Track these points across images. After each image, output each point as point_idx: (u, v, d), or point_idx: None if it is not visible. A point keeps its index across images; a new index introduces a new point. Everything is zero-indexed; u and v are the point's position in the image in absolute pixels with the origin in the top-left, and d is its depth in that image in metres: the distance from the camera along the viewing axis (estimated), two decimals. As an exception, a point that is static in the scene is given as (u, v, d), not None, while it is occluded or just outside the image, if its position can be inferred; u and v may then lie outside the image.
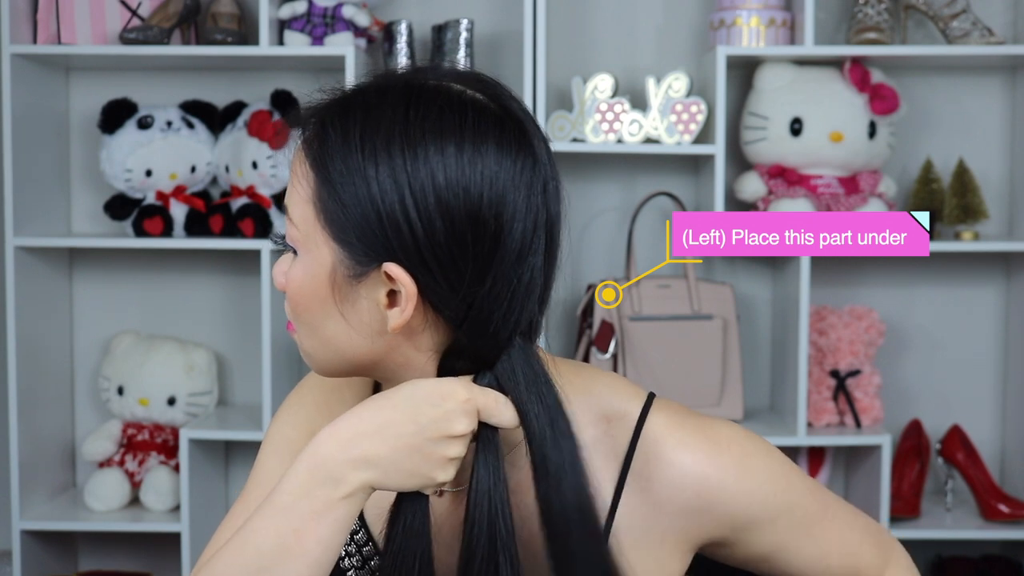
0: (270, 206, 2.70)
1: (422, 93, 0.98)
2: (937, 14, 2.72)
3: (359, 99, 1.00)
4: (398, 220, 0.95)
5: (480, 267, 0.97)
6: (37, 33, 2.65)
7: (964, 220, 2.75)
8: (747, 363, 2.87)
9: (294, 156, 1.02)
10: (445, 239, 0.95)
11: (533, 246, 0.98)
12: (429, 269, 0.96)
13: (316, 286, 1.00)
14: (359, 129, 0.97)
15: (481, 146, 0.96)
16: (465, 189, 0.95)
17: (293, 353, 2.81)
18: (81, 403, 2.93)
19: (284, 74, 2.83)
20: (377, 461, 0.96)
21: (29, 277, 2.68)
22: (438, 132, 0.96)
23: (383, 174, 0.95)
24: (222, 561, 0.97)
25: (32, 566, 2.72)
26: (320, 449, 0.97)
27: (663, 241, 2.90)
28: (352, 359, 1.02)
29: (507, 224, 0.97)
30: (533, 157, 0.99)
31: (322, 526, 0.96)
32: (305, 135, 1.01)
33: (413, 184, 0.95)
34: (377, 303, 0.99)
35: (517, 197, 0.97)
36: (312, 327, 1.02)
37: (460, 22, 2.69)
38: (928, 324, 2.92)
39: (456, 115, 0.97)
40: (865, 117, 2.68)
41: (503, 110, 1.00)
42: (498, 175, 0.97)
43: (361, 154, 0.96)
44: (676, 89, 2.67)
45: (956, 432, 2.80)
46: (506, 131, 0.98)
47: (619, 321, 2.66)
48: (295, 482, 0.97)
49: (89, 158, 2.86)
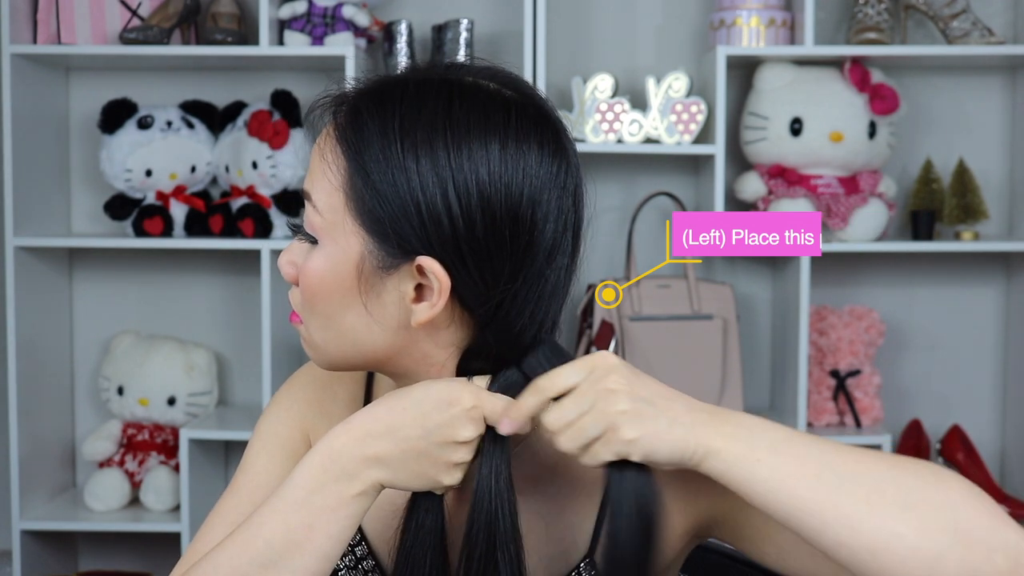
0: (270, 206, 2.70)
1: (463, 89, 0.98)
2: (937, 14, 2.72)
3: (397, 90, 0.99)
4: (439, 213, 0.95)
5: (514, 265, 0.97)
6: (37, 33, 2.65)
7: (964, 220, 2.75)
8: (747, 363, 2.87)
9: (320, 143, 1.01)
10: (484, 235, 0.95)
11: (562, 247, 0.99)
12: (465, 264, 0.96)
13: (340, 276, 0.99)
14: (398, 120, 0.96)
15: (523, 144, 0.97)
16: (507, 186, 0.96)
17: (293, 353, 2.82)
18: (81, 403, 2.93)
19: (284, 74, 2.83)
20: (388, 461, 0.96)
21: (29, 277, 2.68)
22: (483, 128, 0.96)
23: (424, 166, 0.95)
24: (227, 553, 0.97)
25: (32, 566, 2.72)
26: (335, 444, 0.97)
27: (663, 241, 2.90)
28: (368, 352, 1.01)
29: (541, 223, 0.97)
30: (567, 160, 1.00)
31: (333, 522, 0.96)
32: (337, 120, 1.00)
33: (457, 178, 0.95)
34: (403, 297, 0.98)
35: (551, 197, 0.98)
36: (328, 318, 1.01)
37: (460, 22, 2.69)
38: (928, 324, 2.92)
39: (500, 113, 0.97)
40: (865, 117, 2.68)
41: (539, 111, 1.00)
42: (538, 174, 0.97)
43: (400, 145, 0.96)
44: (676, 89, 2.67)
45: (956, 432, 2.80)
46: (545, 132, 0.99)
47: (619, 321, 2.66)
48: (308, 476, 0.97)
49: (89, 158, 2.86)
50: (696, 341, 2.67)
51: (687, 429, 0.95)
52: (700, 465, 0.95)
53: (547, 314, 1.00)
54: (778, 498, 0.93)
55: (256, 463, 1.15)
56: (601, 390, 0.94)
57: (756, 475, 0.94)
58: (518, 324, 0.98)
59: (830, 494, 0.93)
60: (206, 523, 1.13)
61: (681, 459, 0.95)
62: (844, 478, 0.93)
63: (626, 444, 0.93)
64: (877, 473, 0.93)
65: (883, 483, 0.93)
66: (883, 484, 0.93)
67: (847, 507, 0.92)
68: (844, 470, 0.94)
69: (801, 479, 0.93)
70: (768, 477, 0.94)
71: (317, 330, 1.02)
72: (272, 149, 2.67)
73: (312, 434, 1.16)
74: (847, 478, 0.93)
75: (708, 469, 0.95)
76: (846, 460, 0.94)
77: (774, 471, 0.94)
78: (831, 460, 0.94)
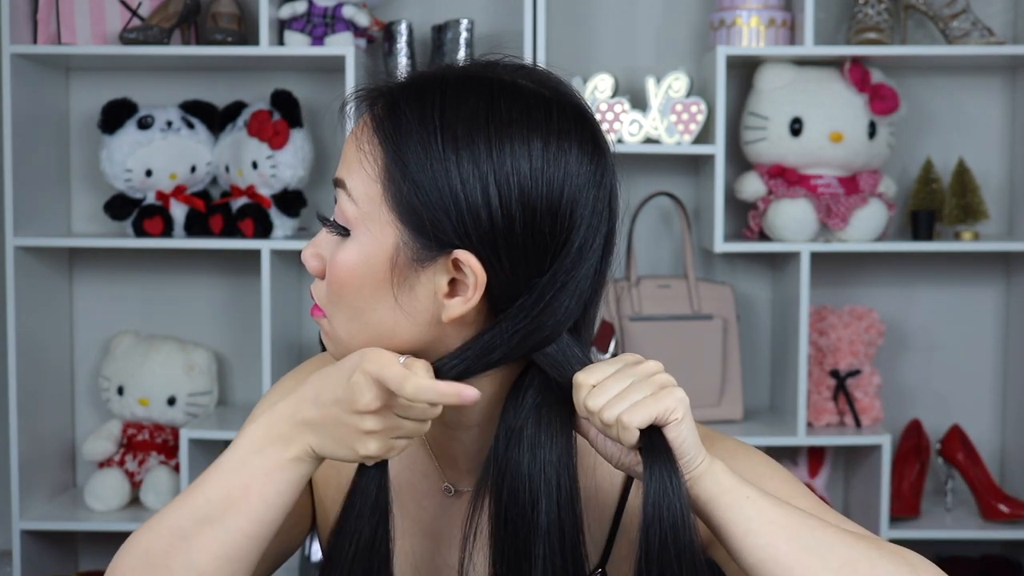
0: (270, 206, 2.70)
1: (503, 86, 0.98)
2: (937, 14, 2.72)
3: (435, 84, 0.98)
4: (478, 207, 0.94)
5: (550, 263, 0.97)
6: (37, 33, 2.65)
7: (964, 220, 2.75)
8: (747, 363, 2.87)
9: (357, 133, 1.00)
10: (522, 231, 0.95)
11: (594, 246, 0.99)
12: (500, 260, 0.95)
13: (372, 268, 0.98)
14: (438, 114, 0.96)
15: (564, 142, 0.97)
16: (548, 183, 0.96)
17: (293, 353, 2.82)
18: (81, 403, 2.93)
19: (284, 74, 2.83)
20: (315, 427, 0.97)
21: (29, 277, 2.68)
22: (525, 125, 0.96)
23: (465, 160, 0.95)
24: (172, 506, 0.99)
25: (32, 566, 2.72)
26: (277, 408, 0.99)
27: (663, 241, 2.90)
28: (392, 347, 1.00)
29: (579, 221, 0.97)
30: (605, 159, 1.00)
31: (269, 484, 0.97)
32: (374, 112, 0.99)
33: (499, 173, 0.94)
34: (436, 291, 0.97)
35: (590, 197, 0.98)
36: (356, 311, 0.99)
37: (460, 22, 2.69)
38: (928, 324, 2.92)
39: (541, 111, 0.98)
40: (865, 117, 2.68)
41: (577, 110, 1.01)
42: (579, 173, 0.97)
43: (440, 138, 0.95)
44: (676, 89, 2.67)
45: (956, 432, 2.80)
46: (584, 131, 0.99)
47: (619, 321, 2.66)
48: (252, 438, 0.98)
49: (89, 158, 2.86)
50: (696, 341, 2.67)
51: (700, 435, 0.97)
52: (699, 479, 0.96)
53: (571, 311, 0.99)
54: (756, 542, 0.94)
55: None
56: (640, 370, 0.96)
57: (743, 511, 0.95)
58: (547, 320, 0.97)
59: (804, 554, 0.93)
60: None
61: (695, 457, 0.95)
62: (822, 543, 0.94)
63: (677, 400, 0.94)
64: (854, 549, 0.94)
65: (857, 560, 0.94)
66: (857, 561, 0.94)
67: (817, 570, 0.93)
68: (823, 536, 0.94)
69: (783, 530, 0.94)
70: (753, 516, 0.94)
71: (343, 323, 1.01)
72: (272, 149, 2.67)
73: None
74: (824, 544, 0.94)
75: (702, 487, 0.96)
76: (826, 529, 0.95)
77: (761, 512, 0.94)
78: (812, 524, 0.95)
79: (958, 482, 2.86)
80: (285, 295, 2.76)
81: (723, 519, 0.95)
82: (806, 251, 2.63)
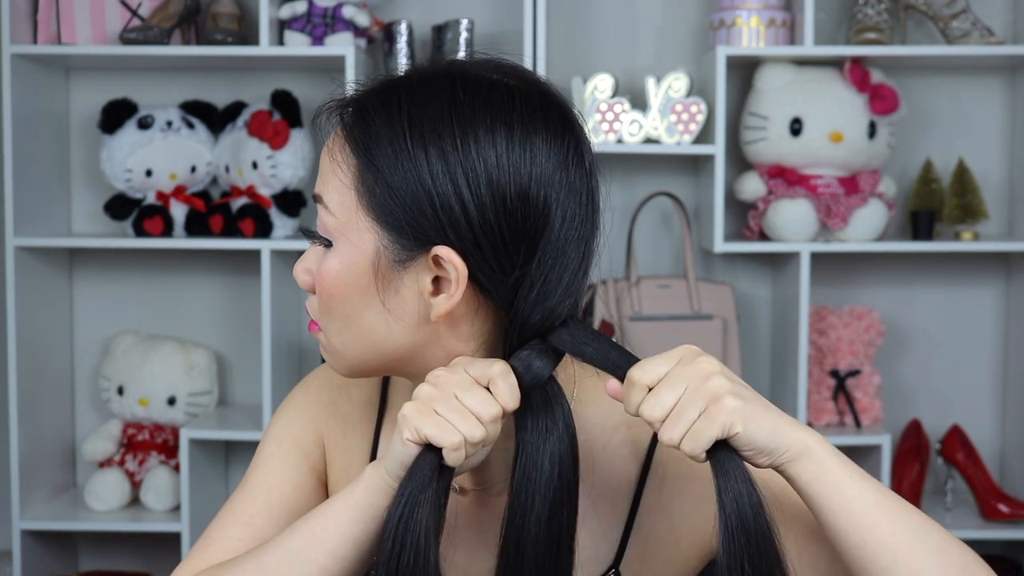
0: (270, 206, 2.70)
1: (467, 80, 0.99)
2: (937, 14, 2.72)
3: (401, 86, 0.99)
4: (450, 201, 0.95)
5: (529, 248, 0.97)
6: (37, 33, 2.65)
7: (964, 220, 2.75)
8: (747, 363, 2.87)
9: (329, 144, 1.01)
10: (496, 219, 0.95)
11: (579, 223, 0.98)
12: (480, 251, 0.96)
13: (356, 274, 0.99)
14: (405, 113, 0.97)
15: (529, 127, 0.97)
16: (516, 170, 0.96)
17: (293, 353, 2.82)
18: (81, 403, 2.93)
19: (284, 74, 2.83)
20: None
21: (29, 277, 2.68)
22: (488, 115, 0.97)
23: (433, 156, 0.95)
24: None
25: (32, 566, 2.72)
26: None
27: (663, 241, 2.90)
28: (389, 352, 1.01)
29: (554, 204, 0.97)
30: (576, 140, 1.00)
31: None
32: (344, 121, 1.00)
33: (465, 165, 0.95)
34: (421, 290, 0.98)
35: (562, 178, 0.97)
36: (347, 320, 1.00)
37: (460, 22, 2.69)
38: (928, 324, 2.92)
39: (504, 99, 0.98)
40: (865, 117, 2.68)
41: (544, 95, 1.01)
42: (548, 156, 0.97)
43: (408, 137, 0.96)
44: (676, 89, 2.67)
45: (956, 432, 2.80)
46: (551, 114, 0.99)
47: (619, 321, 2.66)
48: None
49: (89, 158, 2.86)
50: (696, 341, 2.66)
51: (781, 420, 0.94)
52: (790, 464, 0.94)
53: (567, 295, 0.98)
54: (860, 522, 0.92)
55: (270, 462, 1.15)
56: (694, 372, 0.93)
57: (845, 492, 0.93)
58: (540, 305, 0.97)
59: (907, 537, 0.92)
60: (217, 520, 1.12)
61: (775, 449, 0.93)
62: (921, 527, 0.93)
63: (730, 413, 0.91)
64: (941, 535, 0.94)
65: (948, 545, 0.93)
66: (948, 546, 0.93)
67: (920, 554, 0.92)
68: (919, 520, 0.94)
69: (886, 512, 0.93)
70: (856, 497, 0.93)
71: (336, 334, 1.02)
72: (272, 149, 2.67)
73: (326, 436, 1.16)
74: (920, 528, 0.93)
75: (796, 471, 0.94)
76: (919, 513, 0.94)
77: (864, 493, 0.93)
78: (908, 506, 0.94)
79: (958, 482, 2.86)
80: (285, 295, 2.76)
81: (822, 503, 0.93)
82: (806, 251, 2.63)
